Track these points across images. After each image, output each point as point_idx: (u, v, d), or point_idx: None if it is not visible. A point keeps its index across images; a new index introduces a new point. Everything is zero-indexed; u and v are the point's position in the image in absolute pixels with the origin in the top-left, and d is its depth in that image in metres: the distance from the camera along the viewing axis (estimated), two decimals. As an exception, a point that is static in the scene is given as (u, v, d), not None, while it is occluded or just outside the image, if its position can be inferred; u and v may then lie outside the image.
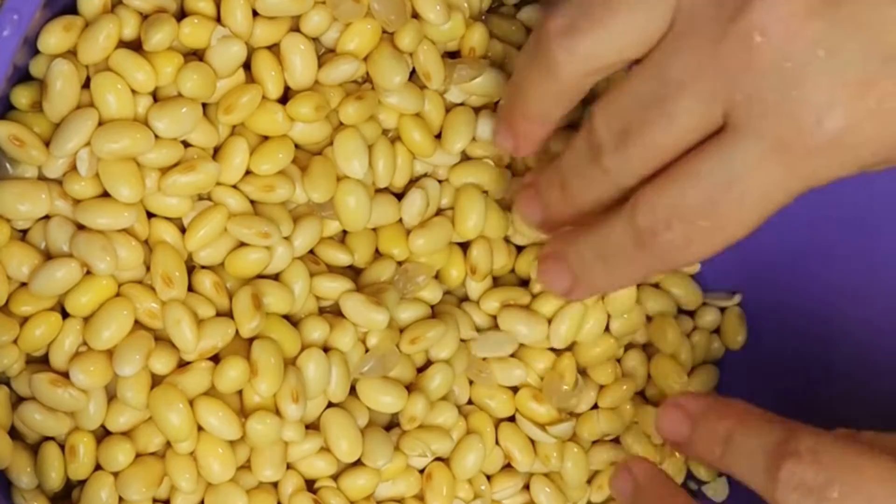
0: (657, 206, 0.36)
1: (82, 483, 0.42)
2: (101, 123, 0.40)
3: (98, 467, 0.42)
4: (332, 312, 0.45)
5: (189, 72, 0.41)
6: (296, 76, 0.43)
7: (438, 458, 0.46)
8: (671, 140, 0.36)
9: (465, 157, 0.47)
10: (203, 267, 0.43)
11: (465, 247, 0.48)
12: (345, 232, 0.46)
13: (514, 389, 0.48)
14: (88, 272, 0.40)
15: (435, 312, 0.47)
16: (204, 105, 0.42)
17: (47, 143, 0.40)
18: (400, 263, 0.46)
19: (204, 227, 0.42)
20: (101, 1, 0.40)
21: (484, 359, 0.47)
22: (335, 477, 0.45)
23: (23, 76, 0.41)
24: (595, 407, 0.49)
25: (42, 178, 0.41)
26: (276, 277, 0.43)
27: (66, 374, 0.41)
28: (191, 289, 0.43)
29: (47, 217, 0.41)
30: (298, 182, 0.44)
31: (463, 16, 0.46)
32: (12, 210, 0.40)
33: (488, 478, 0.48)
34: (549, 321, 0.47)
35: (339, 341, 0.44)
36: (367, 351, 0.45)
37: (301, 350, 0.43)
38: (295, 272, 0.44)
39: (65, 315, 0.41)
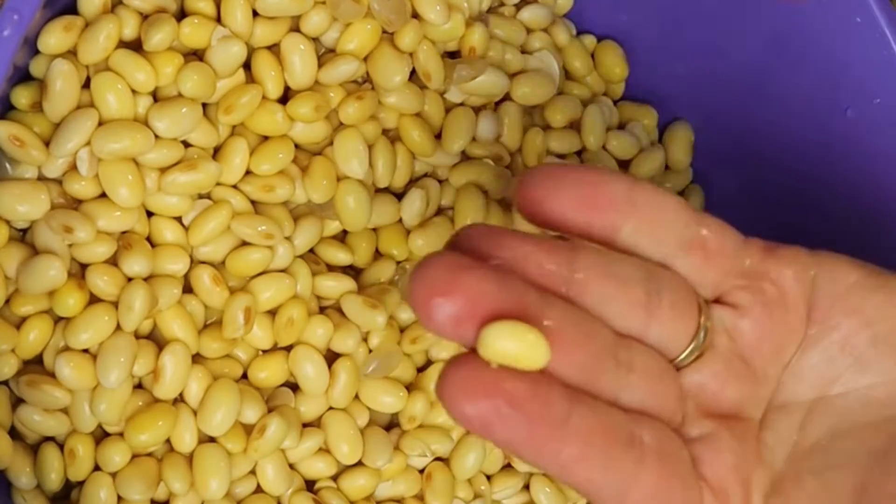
0: None
1: (82, 483, 0.42)
2: (101, 123, 0.40)
3: (97, 468, 0.42)
4: (334, 310, 0.45)
5: (189, 72, 0.41)
6: (296, 76, 0.43)
7: (438, 458, 0.46)
8: None
9: (465, 157, 0.47)
10: (202, 262, 0.43)
11: (465, 247, 0.48)
12: (345, 232, 0.46)
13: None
14: (74, 275, 0.40)
15: (435, 312, 0.47)
16: (204, 105, 0.42)
17: (47, 143, 0.40)
18: (399, 263, 0.46)
19: (209, 224, 0.42)
20: (101, 1, 0.40)
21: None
22: (335, 477, 0.45)
23: (23, 76, 0.41)
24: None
25: (42, 178, 0.41)
26: (276, 278, 0.44)
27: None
28: (189, 284, 0.43)
29: (47, 218, 0.41)
30: (298, 182, 0.44)
31: (463, 16, 0.46)
32: (11, 211, 0.40)
33: (488, 478, 0.48)
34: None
35: (343, 344, 0.44)
36: (370, 352, 0.45)
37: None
38: (296, 272, 0.44)
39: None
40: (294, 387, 0.44)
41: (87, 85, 0.41)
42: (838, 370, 0.31)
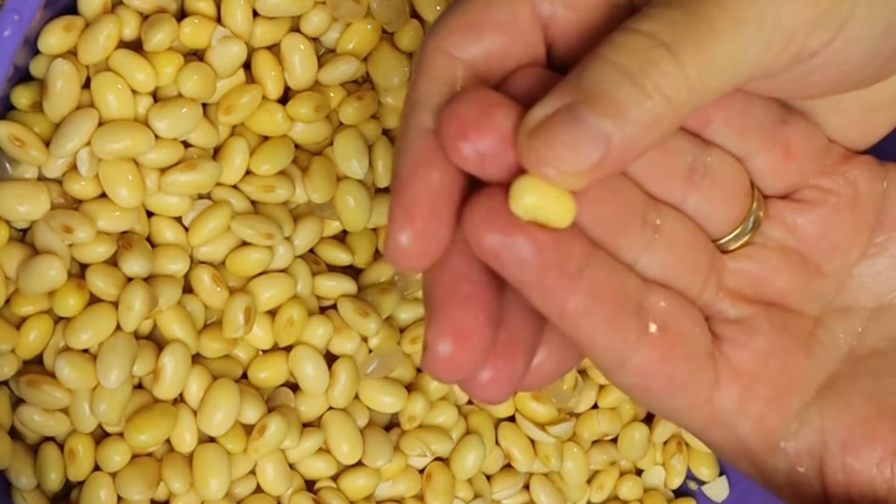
0: None
1: (82, 483, 0.42)
2: (101, 123, 0.40)
3: (97, 468, 0.42)
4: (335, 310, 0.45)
5: (189, 72, 0.41)
6: (296, 76, 0.43)
7: (438, 458, 0.46)
8: None
9: (465, 157, 0.47)
10: (202, 262, 0.43)
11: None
12: (345, 232, 0.46)
13: (514, 389, 0.48)
14: (74, 275, 0.40)
15: (435, 312, 0.47)
16: (204, 105, 0.42)
17: (47, 143, 0.40)
18: (400, 263, 0.46)
19: (209, 224, 0.42)
20: (101, 1, 0.40)
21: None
22: (335, 477, 0.45)
23: (23, 76, 0.41)
24: (595, 407, 0.49)
25: (42, 178, 0.41)
26: (276, 278, 0.44)
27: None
28: (189, 284, 0.43)
29: (47, 218, 0.41)
30: (298, 182, 0.44)
31: (463, 16, 0.46)
32: (11, 211, 0.40)
33: (488, 478, 0.48)
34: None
35: (342, 345, 0.44)
36: (370, 352, 0.45)
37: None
38: (296, 272, 0.44)
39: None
40: (294, 387, 0.44)
41: (87, 85, 0.41)
42: None
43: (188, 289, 0.43)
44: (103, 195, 0.41)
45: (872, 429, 0.29)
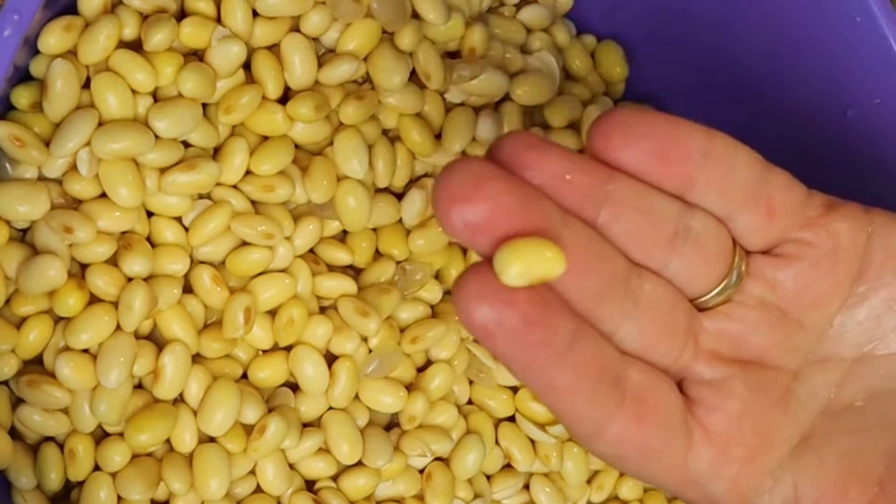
0: None
1: (82, 483, 0.42)
2: (101, 124, 0.40)
3: (97, 468, 0.42)
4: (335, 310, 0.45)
5: (189, 72, 0.41)
6: (296, 76, 0.43)
7: (438, 458, 0.46)
8: None
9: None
10: (202, 262, 0.43)
11: (464, 247, 0.48)
12: (345, 232, 0.46)
13: (514, 389, 0.48)
14: (74, 275, 0.40)
15: (435, 312, 0.47)
16: (204, 105, 0.42)
17: (47, 143, 0.40)
18: (399, 263, 0.46)
19: (209, 224, 0.42)
20: (101, 1, 0.40)
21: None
22: (335, 477, 0.45)
23: (23, 76, 0.41)
24: (595, 407, 0.49)
25: (42, 178, 0.41)
26: (276, 278, 0.44)
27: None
28: (189, 284, 0.43)
29: (47, 218, 0.41)
30: (298, 182, 0.44)
31: (463, 16, 0.46)
32: (12, 211, 0.40)
33: (488, 478, 0.48)
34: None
35: (342, 345, 0.44)
36: (370, 352, 0.45)
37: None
38: (296, 272, 0.44)
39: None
40: (294, 387, 0.44)
41: (87, 85, 0.41)
42: (884, 330, 0.30)
43: (188, 289, 0.43)
44: (103, 195, 0.41)
45: (844, 489, 0.29)
